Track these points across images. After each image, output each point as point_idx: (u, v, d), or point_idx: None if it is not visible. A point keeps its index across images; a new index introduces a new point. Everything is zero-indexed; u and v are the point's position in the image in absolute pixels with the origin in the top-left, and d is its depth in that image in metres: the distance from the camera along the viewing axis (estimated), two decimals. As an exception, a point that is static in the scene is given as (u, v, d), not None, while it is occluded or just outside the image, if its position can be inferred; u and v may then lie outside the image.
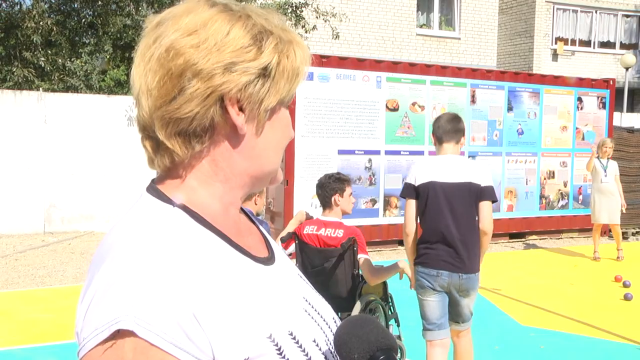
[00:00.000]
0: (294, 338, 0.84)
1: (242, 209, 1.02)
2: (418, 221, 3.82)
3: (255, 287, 0.84)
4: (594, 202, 8.96)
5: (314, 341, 0.87)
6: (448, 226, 3.64)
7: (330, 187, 3.93)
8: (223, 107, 0.84)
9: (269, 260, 0.93)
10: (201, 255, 0.81)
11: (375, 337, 0.82)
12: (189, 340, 0.74)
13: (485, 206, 3.63)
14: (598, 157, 8.88)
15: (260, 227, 1.03)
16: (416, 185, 3.71)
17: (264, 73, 0.85)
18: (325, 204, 3.97)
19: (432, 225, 3.70)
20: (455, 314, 3.82)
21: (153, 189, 0.89)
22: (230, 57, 0.83)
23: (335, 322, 0.96)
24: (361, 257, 3.87)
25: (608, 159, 8.85)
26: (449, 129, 3.74)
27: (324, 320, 0.93)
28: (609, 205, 8.78)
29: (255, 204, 3.89)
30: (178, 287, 0.75)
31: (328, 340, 0.90)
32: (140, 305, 0.73)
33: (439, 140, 3.76)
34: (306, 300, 0.93)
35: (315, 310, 0.93)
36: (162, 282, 0.75)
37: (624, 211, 8.93)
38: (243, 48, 0.84)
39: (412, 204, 3.76)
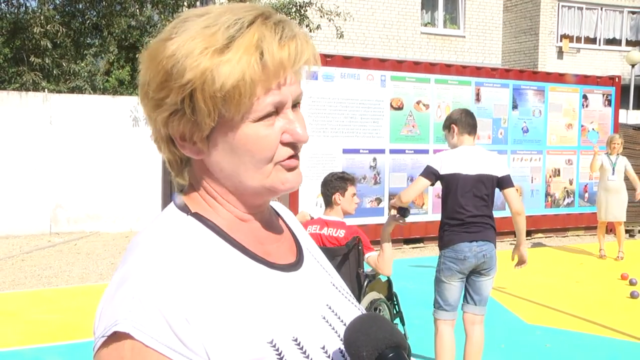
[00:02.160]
0: (299, 344, 0.85)
1: (279, 215, 1.04)
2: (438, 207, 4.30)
3: (263, 294, 0.86)
4: (600, 200, 8.93)
5: (323, 348, 0.88)
6: (468, 211, 3.98)
7: (332, 185, 3.90)
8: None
9: (292, 266, 0.94)
10: (204, 262, 0.84)
11: (383, 335, 0.82)
12: (182, 343, 0.77)
13: (510, 192, 4.04)
14: (607, 154, 8.83)
15: (296, 233, 1.04)
16: (441, 173, 4.02)
17: (178, 109, 0.85)
18: (327, 202, 3.95)
19: (453, 209, 4.01)
20: (473, 293, 4.04)
21: (178, 198, 0.94)
22: (153, 95, 0.86)
23: None
24: (370, 255, 3.87)
25: (618, 155, 8.79)
26: (472, 124, 4.13)
27: None
28: (615, 203, 8.74)
29: None
30: (173, 293, 0.79)
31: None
32: (136, 310, 0.77)
33: (461, 132, 4.11)
34: (329, 307, 0.94)
35: (338, 318, 0.94)
36: (159, 288, 0.79)
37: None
38: (159, 86, 0.85)
39: (424, 184, 4.05)
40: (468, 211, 3.96)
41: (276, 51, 0.84)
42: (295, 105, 0.90)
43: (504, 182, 4.02)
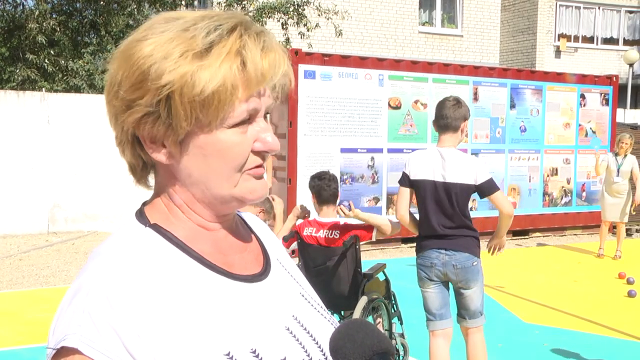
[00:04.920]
0: (257, 356, 0.83)
1: (246, 224, 1.02)
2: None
3: (221, 305, 0.85)
4: (603, 200, 8.92)
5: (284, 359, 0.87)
6: (437, 220, 3.79)
7: (335, 184, 4.05)
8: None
9: (257, 277, 0.93)
10: (159, 275, 0.83)
11: (371, 341, 0.80)
12: (133, 358, 0.76)
13: (497, 197, 3.75)
14: (615, 155, 8.82)
15: (265, 243, 1.02)
16: (411, 178, 3.86)
17: (152, 111, 0.83)
18: (329, 201, 4.01)
19: (424, 219, 3.87)
20: (460, 307, 3.89)
21: (140, 209, 0.92)
22: (125, 96, 0.84)
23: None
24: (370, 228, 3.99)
25: (626, 155, 8.75)
26: (442, 120, 3.87)
27: (314, 340, 0.92)
28: (617, 204, 8.74)
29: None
30: (124, 307, 0.78)
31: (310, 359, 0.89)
32: (86, 324, 0.76)
33: (437, 131, 3.94)
34: (295, 318, 0.93)
35: (305, 329, 0.92)
36: (110, 302, 0.78)
37: (633, 212, 8.85)
38: (133, 86, 0.83)
39: (404, 192, 3.90)
40: (438, 219, 3.75)
41: (258, 60, 0.84)
42: (264, 115, 0.90)
43: (485, 189, 3.72)
